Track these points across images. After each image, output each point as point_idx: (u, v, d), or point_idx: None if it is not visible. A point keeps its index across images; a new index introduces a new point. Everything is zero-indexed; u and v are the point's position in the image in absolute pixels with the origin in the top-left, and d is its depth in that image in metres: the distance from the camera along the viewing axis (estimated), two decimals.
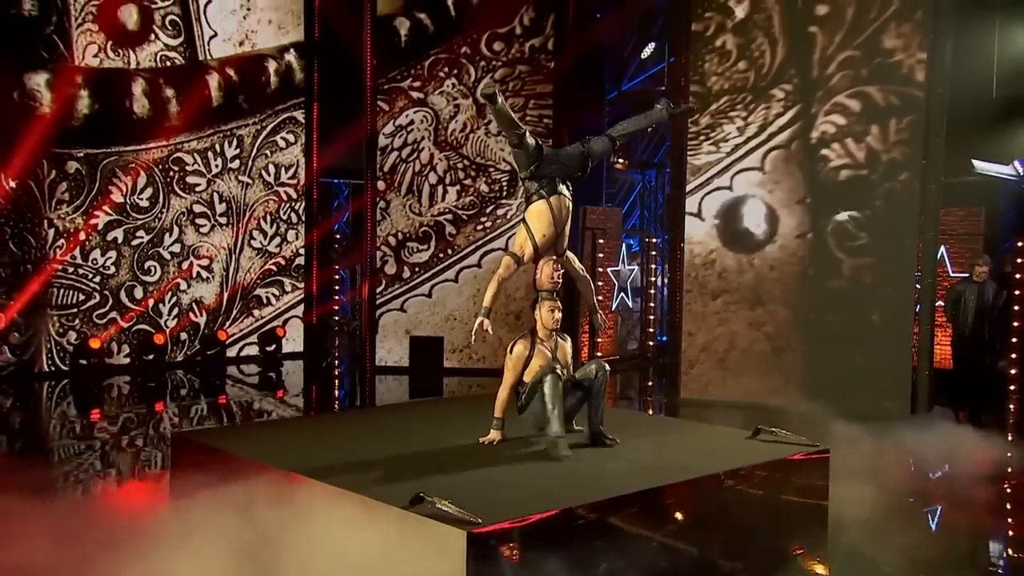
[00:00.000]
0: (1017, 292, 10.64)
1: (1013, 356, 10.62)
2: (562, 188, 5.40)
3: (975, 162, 11.94)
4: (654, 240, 12.87)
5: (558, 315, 5.34)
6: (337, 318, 13.83)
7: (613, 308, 12.19)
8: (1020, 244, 10.70)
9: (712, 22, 9.60)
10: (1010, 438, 8.70)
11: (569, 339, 5.55)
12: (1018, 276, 10.71)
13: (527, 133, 5.31)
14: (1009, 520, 6.49)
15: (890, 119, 9.10)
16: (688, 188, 9.75)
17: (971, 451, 7.87)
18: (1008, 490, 7.08)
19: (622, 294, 12.34)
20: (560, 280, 5.37)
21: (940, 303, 10.28)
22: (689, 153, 9.69)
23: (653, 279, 12.61)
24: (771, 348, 9.55)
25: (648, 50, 11.88)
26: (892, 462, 7.29)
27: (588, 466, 4.96)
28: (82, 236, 11.36)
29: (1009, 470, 7.53)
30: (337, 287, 13.64)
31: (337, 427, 6.77)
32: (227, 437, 6.17)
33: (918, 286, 9.35)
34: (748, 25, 9.48)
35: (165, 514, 5.31)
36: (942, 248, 11.13)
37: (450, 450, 5.26)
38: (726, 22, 9.53)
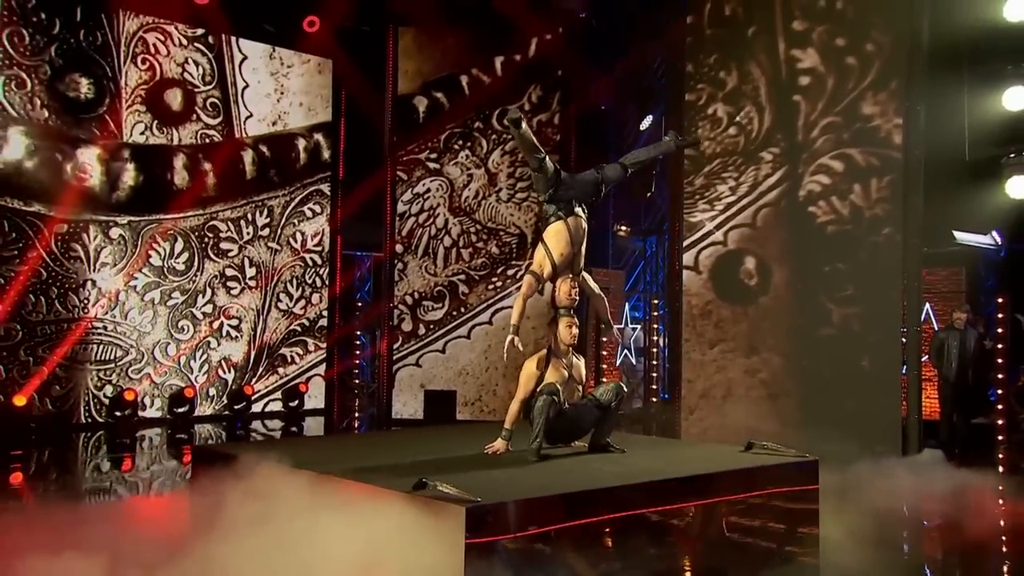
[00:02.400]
0: (1000, 345, 10.63)
1: (1000, 407, 10.53)
2: (578, 210, 5.44)
3: (956, 233, 12.05)
4: (656, 302, 12.93)
5: (575, 331, 5.34)
6: (357, 381, 13.87)
7: (617, 364, 12.19)
8: (1000, 300, 10.74)
9: (704, 92, 9.89)
10: (1001, 488, 8.50)
11: (583, 358, 5.55)
12: (1000, 331, 10.71)
13: (547, 158, 5.42)
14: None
15: (871, 178, 9.24)
16: (685, 243, 9.87)
17: (956, 488, 7.75)
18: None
19: (626, 351, 12.35)
20: (577, 298, 5.39)
21: (926, 358, 10.27)
22: (685, 211, 9.86)
23: (656, 338, 12.61)
24: (767, 394, 9.49)
25: (647, 122, 12.21)
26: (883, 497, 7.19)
27: (587, 468, 4.95)
28: (122, 296, 11.55)
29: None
30: (358, 351, 13.74)
31: (349, 441, 6.78)
32: (243, 448, 6.19)
33: (904, 340, 9.31)
34: (737, 95, 9.75)
35: (190, 514, 5.31)
36: (927, 305, 11.16)
37: (455, 457, 5.25)
38: (717, 92, 9.82)
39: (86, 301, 11.23)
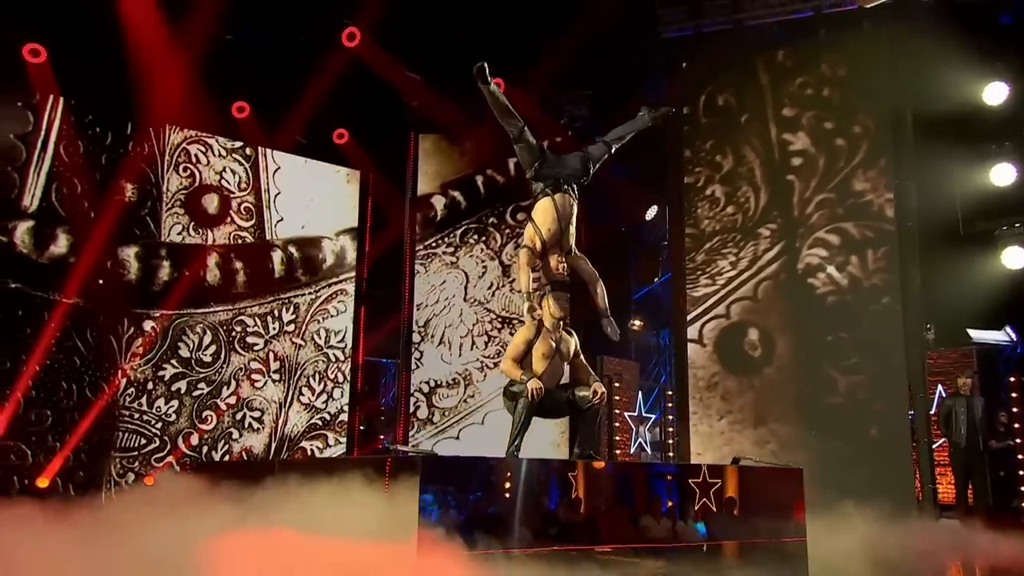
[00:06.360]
0: (1017, 426, 10.30)
1: (1022, 489, 10.11)
2: (567, 188, 5.44)
3: (971, 332, 11.92)
4: (670, 392, 12.76)
5: (564, 304, 5.33)
6: None
7: (631, 452, 11.96)
8: (1012, 379, 10.50)
9: (702, 175, 10.26)
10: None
11: (574, 334, 5.49)
12: (1015, 410, 10.40)
13: (527, 129, 5.51)
14: None
15: (867, 250, 9.38)
16: (688, 317, 9.92)
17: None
18: None
19: (640, 440, 12.13)
20: (566, 273, 5.36)
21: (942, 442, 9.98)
22: (688, 286, 9.97)
23: (671, 429, 12.37)
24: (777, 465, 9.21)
25: (652, 212, 12.52)
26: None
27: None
28: (150, 386, 11.76)
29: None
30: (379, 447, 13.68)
31: None
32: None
33: (911, 415, 9.11)
34: (733, 176, 10.07)
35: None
36: (939, 387, 10.92)
37: None
38: (714, 175, 10.16)
39: (116, 389, 11.44)
